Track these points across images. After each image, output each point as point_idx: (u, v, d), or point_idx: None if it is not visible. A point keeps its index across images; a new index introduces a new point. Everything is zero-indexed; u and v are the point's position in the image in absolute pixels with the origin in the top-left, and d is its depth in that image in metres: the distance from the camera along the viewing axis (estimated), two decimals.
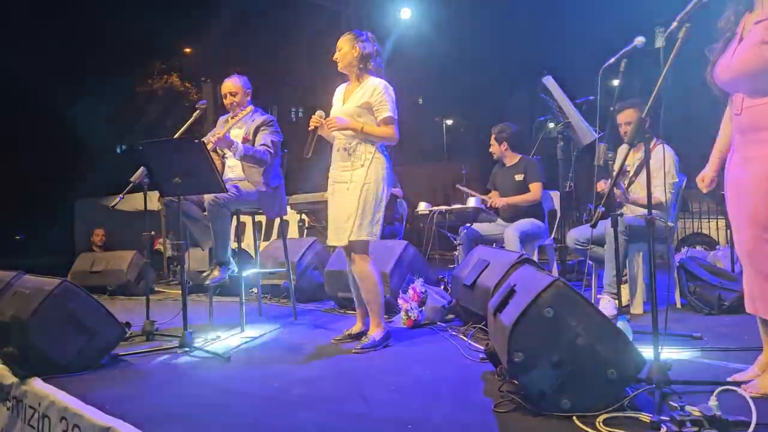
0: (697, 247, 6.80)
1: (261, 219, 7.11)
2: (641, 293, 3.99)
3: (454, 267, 4.92)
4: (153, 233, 4.23)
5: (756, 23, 2.10)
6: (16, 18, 14.60)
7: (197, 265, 5.41)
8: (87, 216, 11.62)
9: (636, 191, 4.02)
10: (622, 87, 3.40)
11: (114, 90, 17.56)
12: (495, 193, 5.01)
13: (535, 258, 4.66)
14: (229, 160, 3.99)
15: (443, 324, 3.78)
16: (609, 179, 3.64)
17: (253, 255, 4.82)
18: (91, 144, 17.24)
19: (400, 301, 3.83)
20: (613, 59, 3.24)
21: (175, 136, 3.66)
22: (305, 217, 7.07)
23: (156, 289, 6.48)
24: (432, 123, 25.32)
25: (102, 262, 6.38)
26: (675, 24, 2.15)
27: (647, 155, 2.33)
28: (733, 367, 2.48)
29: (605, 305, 3.70)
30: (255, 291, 4.94)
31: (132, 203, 6.68)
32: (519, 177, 4.84)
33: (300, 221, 7.11)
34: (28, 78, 14.61)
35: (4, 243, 15.27)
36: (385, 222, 3.50)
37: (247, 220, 4.21)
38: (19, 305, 2.90)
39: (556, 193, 4.96)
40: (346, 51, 3.28)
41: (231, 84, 4.02)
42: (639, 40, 3.14)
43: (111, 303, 5.07)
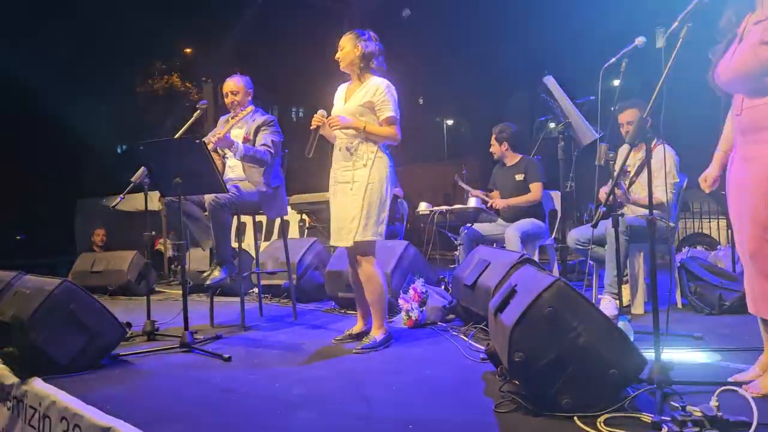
0: (698, 247, 6.79)
1: (261, 219, 7.12)
2: (642, 293, 3.99)
3: (454, 267, 4.93)
4: (153, 233, 4.23)
5: (755, 23, 2.10)
6: (16, 18, 14.59)
7: (198, 265, 5.41)
8: (87, 216, 11.61)
9: (637, 191, 4.02)
10: (622, 87, 3.40)
11: (114, 90, 17.57)
12: (496, 193, 5.01)
13: (536, 258, 4.66)
14: (230, 160, 3.99)
15: (444, 324, 3.78)
16: (609, 184, 3.64)
17: (254, 255, 4.83)
18: (92, 144, 17.22)
19: (400, 302, 3.83)
20: (614, 59, 3.24)
21: (176, 136, 3.65)
22: (306, 218, 7.08)
23: (156, 289, 6.47)
24: (432, 123, 25.31)
25: (102, 262, 6.38)
26: (676, 24, 2.14)
27: (648, 155, 2.33)
28: (734, 368, 2.48)
29: (606, 305, 3.69)
30: (255, 291, 4.94)
31: (132, 203, 6.67)
32: (519, 177, 4.85)
33: (300, 221, 7.11)
34: (28, 78, 14.60)
35: (4, 243, 15.25)
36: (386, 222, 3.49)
37: (248, 220, 4.21)
38: (20, 305, 2.90)
39: (556, 193, 4.96)
40: (348, 50, 3.27)
41: (233, 83, 4.02)
42: (639, 40, 3.14)
43: (111, 303, 5.07)
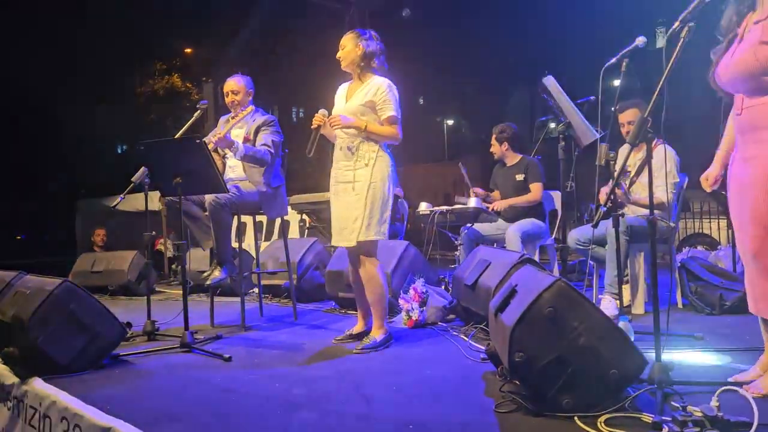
0: (699, 247, 6.79)
1: (262, 219, 7.12)
2: (642, 293, 3.99)
3: (455, 267, 4.92)
4: (154, 233, 4.22)
5: (755, 23, 2.10)
6: (15, 18, 14.59)
7: (198, 265, 5.41)
8: (88, 216, 11.59)
9: (637, 191, 4.02)
10: (622, 87, 3.40)
11: (114, 90, 17.56)
12: (497, 194, 5.01)
13: (537, 258, 4.66)
14: (230, 160, 3.99)
15: (444, 324, 3.77)
16: (609, 184, 3.64)
17: (254, 255, 4.83)
18: (92, 144, 17.23)
19: (401, 302, 3.83)
20: (614, 59, 3.24)
21: (176, 136, 3.66)
22: (306, 217, 7.07)
23: (157, 289, 6.46)
24: (432, 123, 25.32)
25: (103, 262, 6.38)
26: (677, 24, 2.14)
27: (649, 155, 2.32)
28: (735, 368, 2.48)
29: (607, 305, 3.69)
30: (256, 291, 4.94)
31: (133, 203, 6.69)
32: (520, 177, 4.84)
33: (301, 221, 7.11)
34: (27, 78, 14.60)
35: (4, 243, 15.26)
36: None
37: (248, 220, 4.21)
38: (20, 305, 2.90)
39: (557, 193, 4.95)
40: (349, 49, 3.27)
41: (233, 83, 4.02)
42: (640, 40, 3.14)
43: (112, 303, 5.07)
